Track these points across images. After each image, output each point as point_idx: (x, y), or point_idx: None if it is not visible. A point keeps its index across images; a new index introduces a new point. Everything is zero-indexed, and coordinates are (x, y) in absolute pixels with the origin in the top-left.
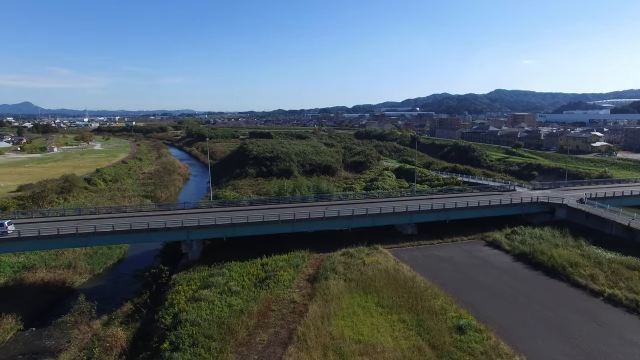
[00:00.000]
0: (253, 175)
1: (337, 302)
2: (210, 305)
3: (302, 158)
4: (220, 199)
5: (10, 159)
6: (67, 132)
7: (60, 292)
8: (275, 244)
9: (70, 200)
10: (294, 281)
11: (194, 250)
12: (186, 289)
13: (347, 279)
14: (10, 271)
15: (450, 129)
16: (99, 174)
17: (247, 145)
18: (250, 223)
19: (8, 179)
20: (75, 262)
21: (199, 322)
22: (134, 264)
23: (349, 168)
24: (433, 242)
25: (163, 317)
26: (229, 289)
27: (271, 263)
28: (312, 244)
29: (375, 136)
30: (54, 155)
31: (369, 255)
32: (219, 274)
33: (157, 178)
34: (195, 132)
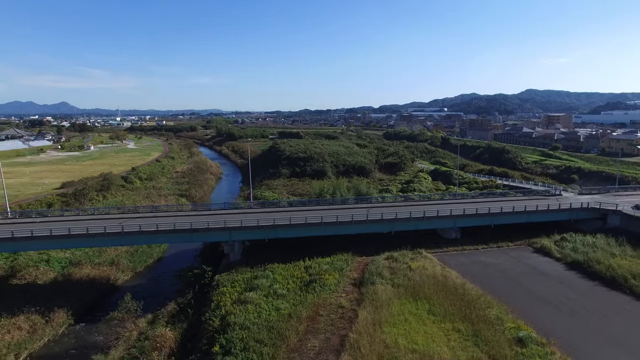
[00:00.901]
0: (287, 176)
1: (387, 308)
2: (257, 309)
3: (336, 159)
4: (260, 199)
5: (52, 156)
6: (102, 130)
7: (105, 288)
8: (316, 246)
9: (109, 197)
10: (340, 285)
11: (236, 251)
12: (231, 291)
13: (395, 284)
14: (59, 267)
15: (482, 130)
16: (134, 173)
17: (278, 145)
18: (293, 225)
19: (51, 176)
20: (118, 260)
21: (248, 325)
22: (173, 263)
23: (383, 169)
24: (478, 248)
25: (210, 319)
26: (275, 292)
27: (314, 266)
28: (354, 247)
29: (404, 137)
30: (91, 153)
31: (414, 260)
32: (262, 276)
33: (190, 177)
34: (225, 132)
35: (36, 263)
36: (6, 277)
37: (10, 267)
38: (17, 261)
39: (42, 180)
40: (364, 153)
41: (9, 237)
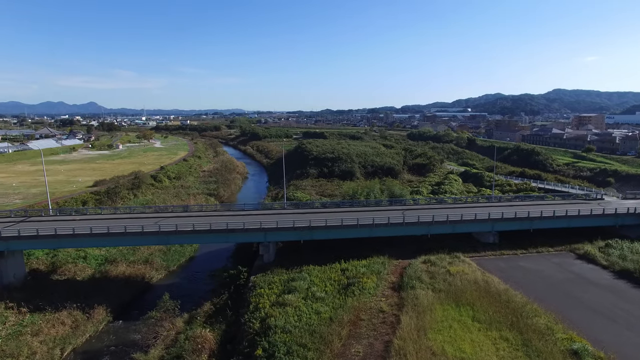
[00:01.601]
0: (314, 176)
1: (430, 314)
2: (297, 312)
3: (363, 159)
4: (292, 200)
5: (83, 155)
6: (128, 130)
7: (141, 286)
8: (350, 248)
9: (139, 196)
10: (379, 289)
11: (270, 252)
12: (269, 293)
13: (435, 289)
14: (95, 263)
15: (509, 131)
16: (163, 172)
17: (304, 145)
18: (329, 226)
19: (84, 174)
20: (152, 259)
21: (289, 329)
22: (205, 263)
23: (411, 170)
24: (517, 252)
25: (250, 321)
26: (313, 294)
27: (351, 268)
28: (389, 249)
29: (429, 137)
30: (120, 152)
31: (452, 264)
32: (299, 279)
33: (217, 176)
34: (249, 131)
35: (74, 259)
36: (48, 273)
37: (51, 263)
38: (57, 257)
39: (75, 178)
40: (391, 154)
41: (52, 235)
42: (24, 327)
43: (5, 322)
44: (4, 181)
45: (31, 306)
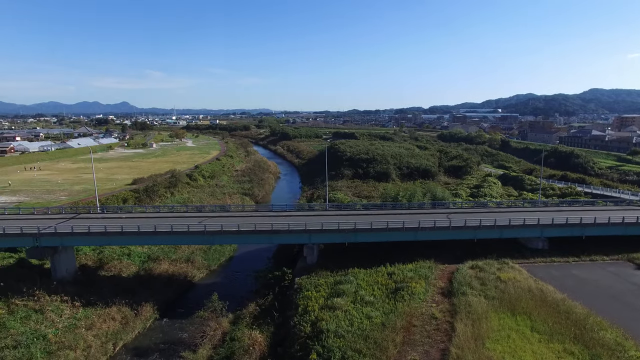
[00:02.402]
0: (349, 177)
1: (486, 322)
2: (347, 316)
3: (398, 161)
4: (334, 201)
5: (119, 153)
6: (160, 129)
7: (184, 285)
8: (393, 251)
9: (176, 194)
10: (428, 294)
11: (314, 254)
12: (316, 296)
13: (487, 296)
14: (139, 261)
15: (544, 133)
16: (198, 170)
17: (337, 145)
18: (374, 229)
19: (122, 172)
20: (193, 257)
21: (342, 333)
22: (245, 263)
23: (447, 173)
24: (568, 260)
25: (300, 324)
26: (362, 298)
27: (398, 272)
28: (433, 253)
29: (460, 139)
30: (154, 150)
31: (501, 271)
32: (346, 282)
33: (250, 176)
34: (279, 131)
35: (119, 256)
36: (95, 268)
37: (98, 259)
38: (103, 254)
39: (114, 176)
40: (426, 155)
41: (102, 232)
42: (78, 321)
43: (61, 314)
44: (50, 178)
45: (83, 300)
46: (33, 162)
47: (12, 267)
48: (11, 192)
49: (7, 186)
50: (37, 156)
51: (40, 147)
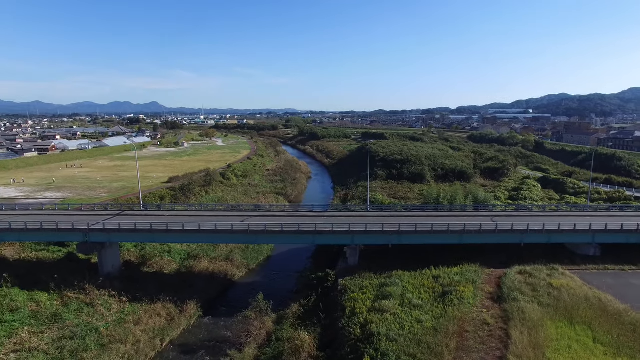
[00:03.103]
0: (383, 178)
1: (543, 330)
2: (396, 319)
3: (433, 162)
4: (373, 202)
5: (152, 152)
6: (189, 128)
7: (224, 283)
8: (436, 254)
9: (210, 193)
10: (477, 299)
11: (356, 255)
12: (362, 297)
13: (541, 303)
14: (179, 258)
15: (581, 134)
16: (230, 169)
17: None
18: (418, 231)
19: (157, 170)
20: (232, 256)
21: (394, 337)
22: (283, 263)
23: (483, 174)
24: (624, 268)
25: (349, 326)
26: (410, 301)
27: (444, 276)
28: (476, 257)
29: (492, 140)
30: (186, 149)
31: (552, 277)
32: (392, 284)
33: (282, 175)
34: (307, 131)
35: (160, 253)
36: (138, 265)
37: (141, 256)
38: (145, 250)
39: (150, 174)
40: (460, 157)
41: (147, 229)
42: (126, 316)
43: (110, 309)
44: (89, 175)
45: (130, 296)
46: (73, 159)
47: (63, 261)
48: (56, 188)
49: (52, 182)
50: (76, 154)
51: (79, 145)
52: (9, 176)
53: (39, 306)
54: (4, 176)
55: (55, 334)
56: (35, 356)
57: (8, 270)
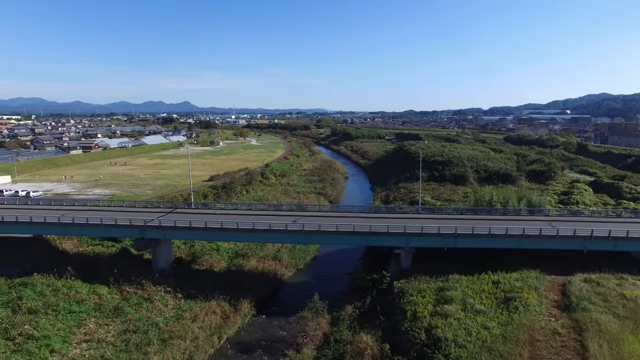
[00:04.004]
0: (424, 179)
1: (624, 344)
2: (461, 324)
3: (475, 164)
4: (424, 204)
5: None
6: (222, 127)
7: (274, 283)
8: (491, 258)
9: (251, 192)
10: (543, 307)
11: (409, 257)
12: (422, 301)
13: (616, 315)
14: (227, 256)
15: (629, 136)
16: (269, 169)
17: (407, 147)
18: (475, 235)
19: (197, 168)
20: (280, 255)
21: (462, 343)
22: (331, 263)
23: (528, 177)
24: None
25: (412, 330)
26: (472, 306)
27: (503, 281)
28: (534, 263)
29: (531, 142)
30: (222, 148)
31: (622, 287)
32: (451, 288)
33: (319, 175)
34: (340, 131)
35: (209, 251)
36: (189, 262)
37: (191, 253)
38: (194, 248)
39: (191, 172)
40: (502, 159)
41: (202, 227)
42: (182, 312)
43: (166, 304)
44: (133, 173)
45: (184, 292)
46: (114, 157)
47: (118, 256)
48: (103, 185)
49: (99, 179)
50: (117, 152)
51: (119, 143)
52: (59, 172)
53: (101, 299)
54: (55, 172)
55: (119, 327)
56: (104, 347)
57: (69, 263)
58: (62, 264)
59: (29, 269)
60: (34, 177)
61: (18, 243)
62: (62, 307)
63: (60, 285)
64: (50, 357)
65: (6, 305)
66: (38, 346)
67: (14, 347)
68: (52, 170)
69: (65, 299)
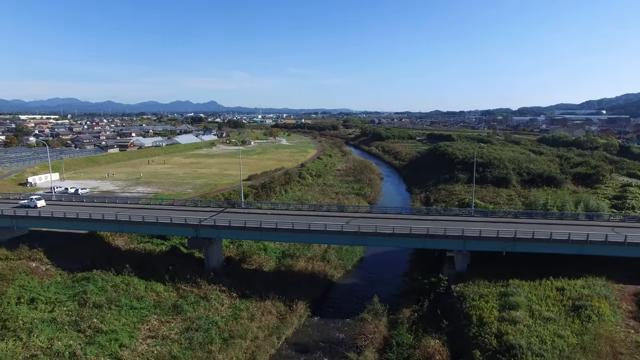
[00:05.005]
0: (464, 181)
1: None
2: (532, 331)
3: (517, 166)
4: (476, 206)
5: (222, 150)
6: (250, 127)
7: (325, 284)
8: (550, 264)
9: (289, 192)
10: (617, 317)
11: (465, 261)
12: (487, 306)
13: None
14: (274, 256)
15: None
16: (305, 169)
17: (443, 147)
18: (535, 239)
19: (232, 168)
20: (329, 256)
21: (539, 352)
22: (379, 265)
23: (574, 180)
24: None
25: (482, 336)
26: (540, 313)
27: (568, 288)
28: (599, 270)
29: (567, 143)
30: (254, 148)
31: None
32: (514, 293)
33: (354, 175)
34: (370, 131)
35: (257, 251)
36: (238, 261)
37: (240, 252)
38: (242, 247)
39: (227, 172)
40: (544, 161)
41: (256, 227)
42: (239, 311)
43: (222, 303)
44: (171, 171)
45: (239, 292)
46: (150, 156)
47: (168, 254)
48: (144, 183)
49: (140, 177)
50: (152, 151)
51: (153, 142)
52: (101, 170)
53: (159, 296)
54: (97, 170)
55: (181, 325)
56: (169, 344)
57: (123, 260)
58: (116, 261)
59: (88, 264)
60: (78, 174)
61: (75, 238)
62: (124, 303)
63: (118, 282)
64: (120, 351)
65: (73, 298)
66: (108, 340)
67: (86, 340)
68: (93, 168)
69: (125, 295)
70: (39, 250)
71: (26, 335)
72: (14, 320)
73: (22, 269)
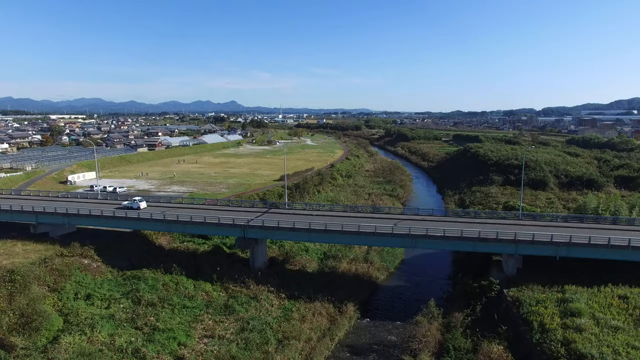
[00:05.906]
0: (499, 183)
1: None
2: (602, 341)
3: (554, 168)
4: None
5: (249, 150)
6: (272, 127)
7: (370, 286)
8: (604, 270)
9: (322, 192)
10: None
11: (515, 265)
12: (547, 312)
13: None
14: (316, 257)
15: None
16: (335, 169)
17: (474, 149)
18: (592, 244)
19: (262, 168)
20: (371, 258)
21: None
22: (420, 267)
23: (615, 183)
24: None
25: (546, 343)
26: (606, 322)
27: (632, 296)
28: None
29: (599, 145)
30: (279, 147)
31: None
32: (575, 300)
33: (384, 176)
34: (395, 132)
35: (299, 252)
36: (282, 262)
37: (284, 253)
38: (284, 248)
39: (257, 172)
40: (582, 163)
41: (305, 228)
42: (289, 312)
43: (272, 304)
44: (202, 171)
45: (287, 293)
46: (179, 155)
47: (211, 253)
48: (178, 182)
49: (173, 177)
50: (180, 150)
51: (181, 142)
52: (133, 169)
53: (208, 296)
54: (130, 169)
55: (235, 325)
56: (227, 344)
57: (167, 258)
58: (160, 259)
59: (135, 263)
60: (113, 173)
61: (120, 236)
62: (176, 302)
63: (167, 280)
64: (179, 349)
65: (126, 296)
66: (166, 338)
67: (145, 337)
68: (126, 167)
69: (176, 294)
70: (90, 247)
71: (89, 331)
72: (75, 315)
73: (77, 265)
